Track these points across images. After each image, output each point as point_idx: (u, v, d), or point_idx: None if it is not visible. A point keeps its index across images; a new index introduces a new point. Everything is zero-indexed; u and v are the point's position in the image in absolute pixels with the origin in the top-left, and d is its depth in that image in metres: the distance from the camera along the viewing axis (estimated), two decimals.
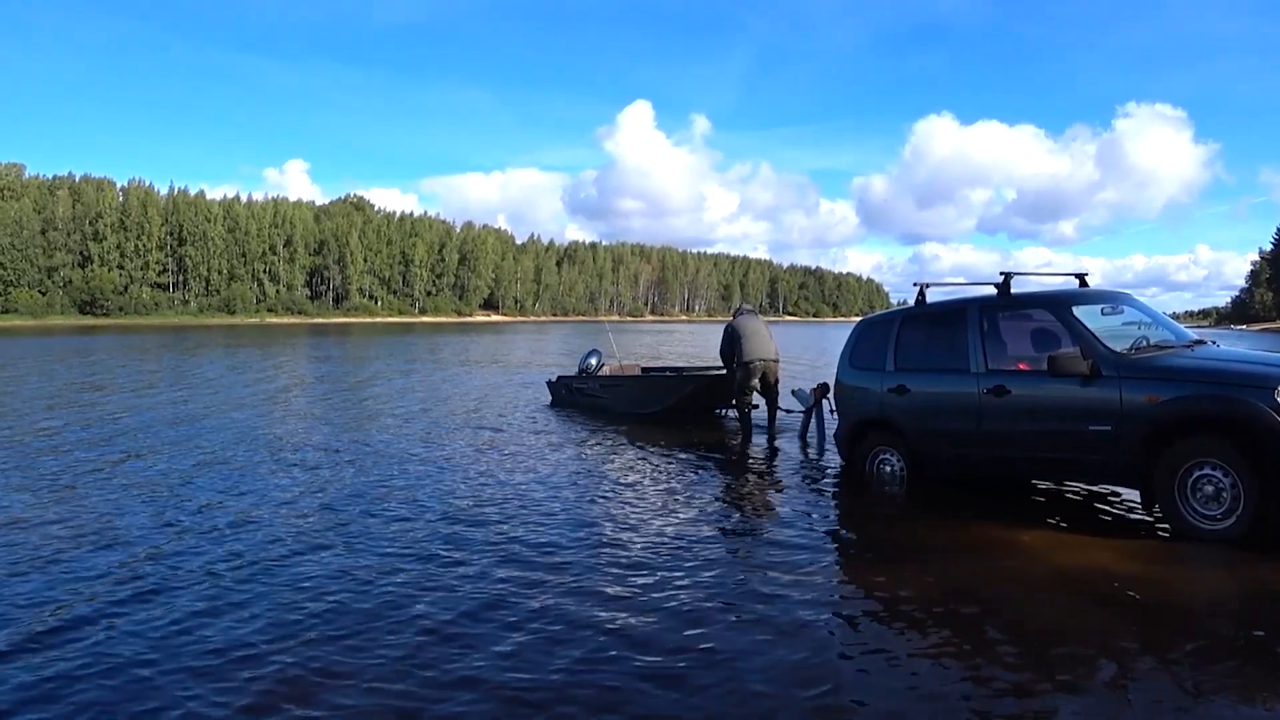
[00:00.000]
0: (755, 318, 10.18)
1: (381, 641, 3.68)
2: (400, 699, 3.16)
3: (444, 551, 5.03)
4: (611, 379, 12.43)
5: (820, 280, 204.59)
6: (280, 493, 6.73)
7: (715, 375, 11.02)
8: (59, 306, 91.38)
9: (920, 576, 4.50)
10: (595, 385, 12.39)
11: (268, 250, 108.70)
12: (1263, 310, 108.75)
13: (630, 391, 11.82)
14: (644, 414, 11.12)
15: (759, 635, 3.73)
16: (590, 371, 12.77)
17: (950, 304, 6.55)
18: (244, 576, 4.56)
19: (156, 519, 5.88)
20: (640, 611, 4.03)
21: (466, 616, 3.96)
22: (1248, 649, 3.53)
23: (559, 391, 13.21)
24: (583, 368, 12.95)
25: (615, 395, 11.93)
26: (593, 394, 12.30)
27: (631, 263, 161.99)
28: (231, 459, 8.27)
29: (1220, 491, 4.78)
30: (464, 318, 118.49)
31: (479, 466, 7.86)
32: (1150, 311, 6.23)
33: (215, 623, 3.90)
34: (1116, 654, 3.45)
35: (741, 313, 10.22)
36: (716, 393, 10.88)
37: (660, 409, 11.05)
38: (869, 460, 6.78)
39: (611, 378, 12.50)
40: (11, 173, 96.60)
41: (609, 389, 12.13)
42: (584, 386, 12.57)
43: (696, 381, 11.28)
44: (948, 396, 6.15)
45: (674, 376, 12.34)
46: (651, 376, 12.66)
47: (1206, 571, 4.60)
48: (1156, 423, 4.98)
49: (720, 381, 10.67)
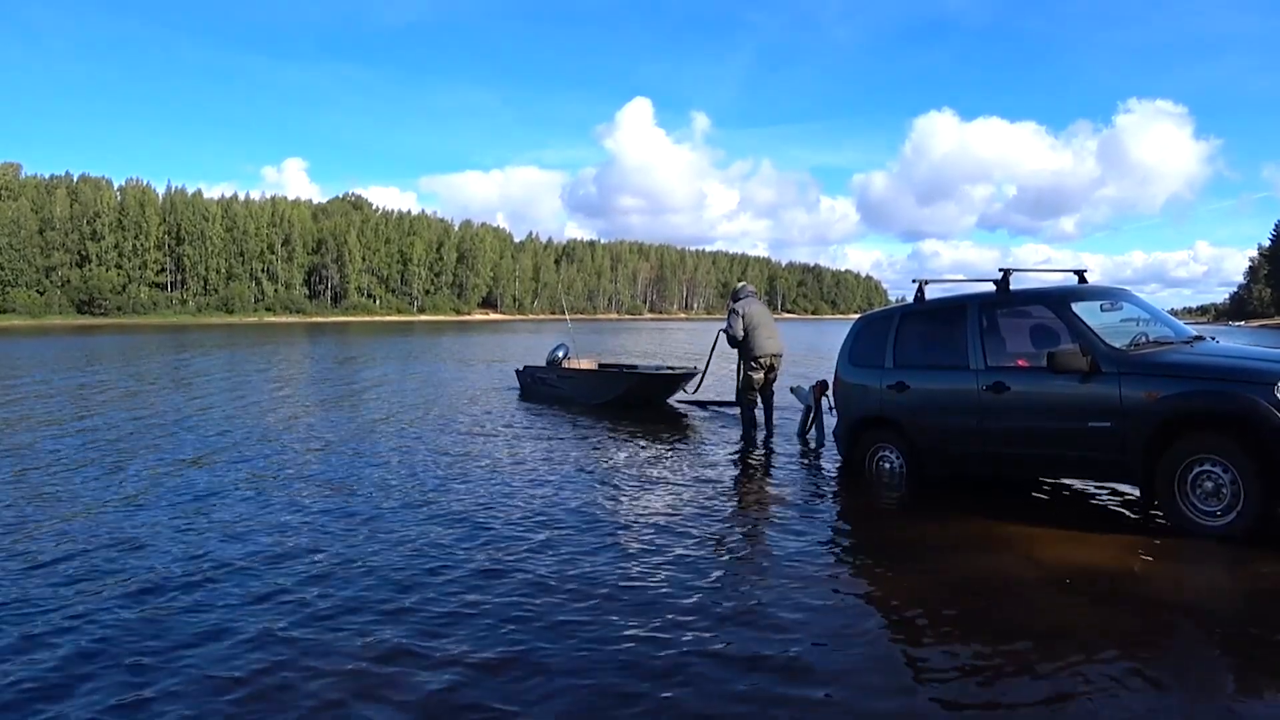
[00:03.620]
0: (759, 302, 9.73)
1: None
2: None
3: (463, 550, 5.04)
4: (569, 371, 13.91)
5: (819, 278, 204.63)
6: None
7: (656, 374, 12.84)
8: (57, 306, 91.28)
9: (919, 573, 4.50)
10: (555, 376, 13.93)
11: (266, 249, 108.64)
12: (1261, 306, 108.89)
13: (584, 383, 13.31)
14: (595, 403, 12.43)
15: (756, 632, 3.72)
16: (555, 364, 14.23)
17: (949, 301, 6.53)
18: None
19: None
20: (639, 607, 4.01)
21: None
22: (1248, 645, 3.53)
23: (525, 380, 14.71)
24: (549, 360, 14.40)
25: (571, 386, 13.43)
26: (552, 384, 13.87)
27: (630, 261, 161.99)
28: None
29: (1220, 488, 4.77)
30: (462, 316, 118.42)
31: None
32: (1149, 308, 6.23)
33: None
34: (1116, 649, 3.44)
35: (745, 294, 9.70)
36: (655, 388, 12.44)
37: (609, 399, 12.41)
38: (868, 458, 6.77)
39: (570, 370, 13.96)
40: (9, 172, 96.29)
41: (565, 380, 13.67)
42: (546, 377, 14.13)
43: (640, 378, 12.77)
44: (947, 394, 6.14)
45: (619, 372, 13.75)
46: (602, 371, 14.14)
47: (1206, 568, 4.59)
48: (1156, 419, 4.97)
49: (660, 380, 12.47)
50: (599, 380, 13.29)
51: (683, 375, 12.46)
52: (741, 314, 9.37)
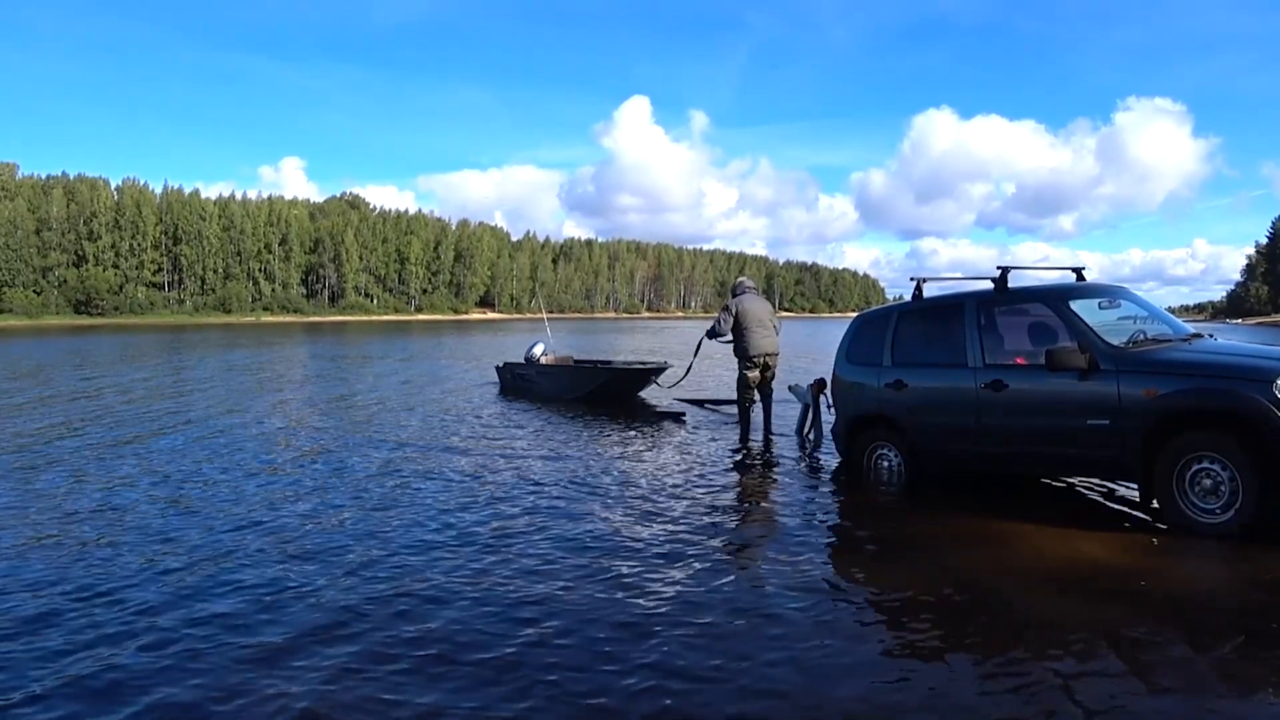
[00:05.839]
0: (758, 298, 9.35)
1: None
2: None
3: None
4: (545, 367, 14.36)
5: (816, 276, 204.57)
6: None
7: (627, 370, 13.55)
8: (54, 306, 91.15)
9: (917, 570, 4.50)
10: (533, 372, 14.37)
11: (263, 249, 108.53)
12: (1258, 304, 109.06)
13: (558, 379, 13.78)
14: (568, 398, 12.95)
15: (754, 629, 3.71)
16: (533, 360, 14.62)
17: (947, 299, 6.52)
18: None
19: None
20: (637, 604, 4.01)
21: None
22: (1247, 642, 3.52)
23: (505, 376, 15.18)
24: (528, 356, 14.79)
25: (547, 381, 13.88)
26: (530, 379, 14.31)
27: (628, 260, 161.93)
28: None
29: (1219, 485, 4.77)
30: (460, 316, 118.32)
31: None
32: (1147, 305, 6.22)
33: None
34: (1114, 646, 3.44)
35: (743, 290, 9.36)
36: (627, 383, 13.05)
37: (583, 393, 12.90)
38: (866, 456, 6.76)
39: (545, 366, 14.40)
40: (5, 172, 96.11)
41: (542, 375, 14.13)
42: (524, 372, 14.57)
43: (612, 373, 13.30)
44: (945, 391, 6.13)
45: (593, 368, 14.11)
46: (575, 367, 14.56)
47: (1204, 565, 4.60)
48: (1154, 416, 4.97)
49: (632, 375, 13.13)
50: (574, 376, 13.80)
51: (653, 370, 13.05)
52: (734, 311, 9.13)
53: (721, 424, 10.38)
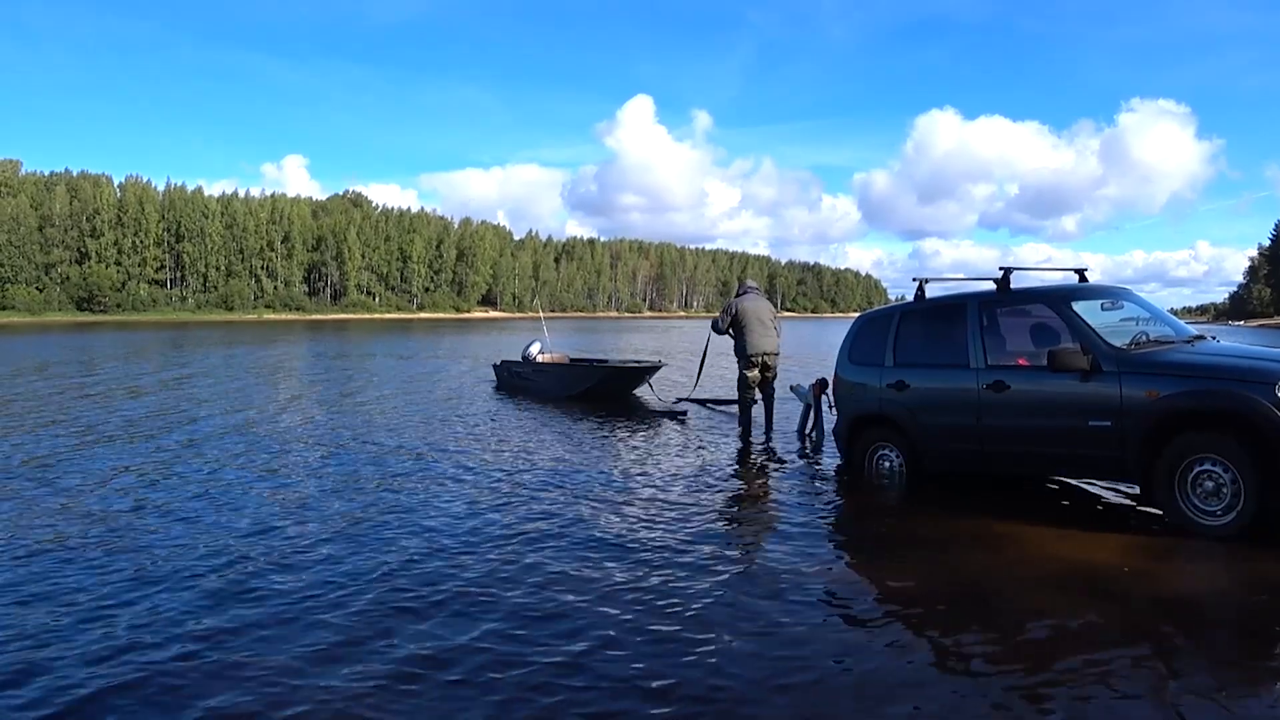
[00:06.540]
0: (760, 299, 9.47)
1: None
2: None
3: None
4: (541, 366, 14.42)
5: (818, 276, 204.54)
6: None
7: (623, 368, 13.59)
8: (56, 303, 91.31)
9: (918, 571, 4.50)
10: (529, 370, 14.43)
11: (265, 247, 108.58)
12: (1260, 306, 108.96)
13: (553, 377, 13.84)
14: (564, 396, 12.99)
15: (755, 629, 3.72)
16: (529, 358, 14.69)
17: (950, 299, 6.52)
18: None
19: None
20: (637, 604, 4.01)
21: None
22: (1247, 643, 3.53)
23: (502, 374, 15.35)
24: (524, 354, 14.86)
25: (543, 379, 13.97)
26: (526, 377, 14.39)
27: (629, 259, 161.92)
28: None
29: (1220, 487, 4.77)
30: (462, 314, 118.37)
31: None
32: (1150, 307, 6.22)
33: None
34: (1115, 647, 3.44)
35: (747, 291, 9.50)
36: (623, 381, 13.15)
37: (579, 391, 12.97)
38: (868, 456, 6.76)
39: (541, 365, 14.47)
40: (8, 169, 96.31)
41: (538, 374, 14.20)
42: (521, 370, 14.65)
43: (607, 371, 13.41)
44: (947, 392, 6.14)
45: (589, 366, 14.11)
46: (570, 365, 14.61)
47: (1205, 566, 4.59)
48: (1156, 418, 4.97)
49: (627, 373, 13.20)
50: (570, 374, 13.84)
51: (648, 369, 13.21)
52: (734, 311, 9.25)
53: (723, 423, 10.39)
